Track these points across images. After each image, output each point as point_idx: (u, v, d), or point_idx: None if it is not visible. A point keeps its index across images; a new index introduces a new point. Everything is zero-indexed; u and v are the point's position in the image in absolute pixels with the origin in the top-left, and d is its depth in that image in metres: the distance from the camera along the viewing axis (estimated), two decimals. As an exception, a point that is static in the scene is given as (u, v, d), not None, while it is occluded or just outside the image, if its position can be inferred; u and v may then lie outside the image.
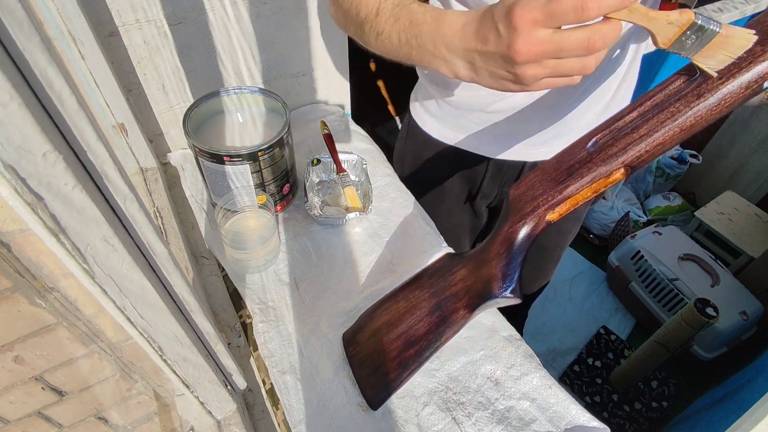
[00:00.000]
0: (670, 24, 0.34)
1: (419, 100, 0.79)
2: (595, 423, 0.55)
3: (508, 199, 0.48)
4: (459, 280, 0.51)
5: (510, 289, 0.46)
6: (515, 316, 1.14)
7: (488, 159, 0.76)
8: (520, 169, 0.76)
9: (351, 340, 0.59)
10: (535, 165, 0.75)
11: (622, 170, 0.42)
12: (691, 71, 0.39)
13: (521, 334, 1.36)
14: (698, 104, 0.38)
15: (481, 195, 0.82)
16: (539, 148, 0.72)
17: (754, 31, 0.36)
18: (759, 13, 1.77)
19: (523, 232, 0.46)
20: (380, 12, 0.49)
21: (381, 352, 0.55)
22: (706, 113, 0.38)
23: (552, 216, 0.45)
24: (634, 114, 0.42)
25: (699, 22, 0.34)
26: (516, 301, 0.47)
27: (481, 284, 0.48)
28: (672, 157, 2.06)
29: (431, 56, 0.44)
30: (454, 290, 0.51)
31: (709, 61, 0.36)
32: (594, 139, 0.43)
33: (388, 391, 0.54)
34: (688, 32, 0.34)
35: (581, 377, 1.55)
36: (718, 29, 0.34)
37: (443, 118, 0.75)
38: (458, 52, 0.41)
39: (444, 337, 0.51)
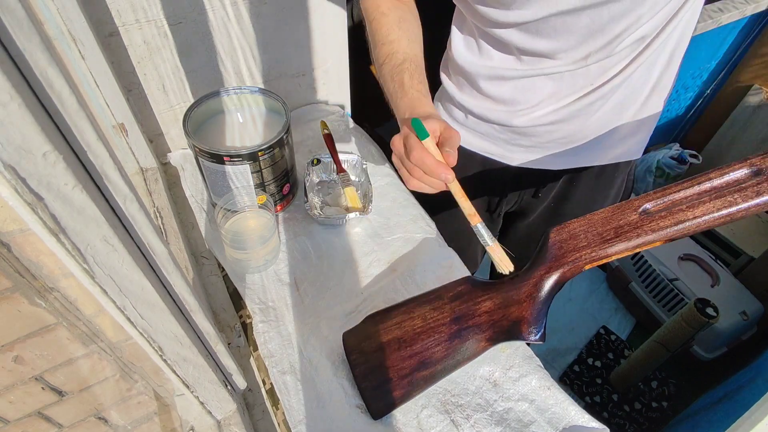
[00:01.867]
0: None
1: (443, 106, 0.78)
2: (595, 423, 0.55)
3: (548, 242, 0.48)
4: (484, 311, 0.51)
5: (539, 334, 0.48)
6: None
7: (512, 167, 0.74)
8: (543, 177, 0.75)
9: (355, 347, 0.58)
10: (558, 174, 0.74)
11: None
12: (754, 166, 0.41)
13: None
14: (756, 200, 0.40)
15: (505, 202, 0.81)
16: (565, 157, 0.71)
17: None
18: (759, 13, 1.77)
19: (557, 278, 0.47)
20: (384, 65, 0.63)
21: (391, 368, 0.54)
22: (759, 209, 0.40)
23: (589, 266, 0.46)
24: (693, 191, 0.42)
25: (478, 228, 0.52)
26: (540, 342, 0.49)
27: (509, 322, 0.49)
28: (672, 157, 2.06)
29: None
30: (478, 321, 0.51)
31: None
32: (647, 205, 0.44)
33: (393, 405, 0.54)
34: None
35: (581, 377, 1.55)
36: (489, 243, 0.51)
37: (468, 125, 0.73)
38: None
39: (461, 364, 0.52)
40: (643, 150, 0.73)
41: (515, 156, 0.73)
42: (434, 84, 0.78)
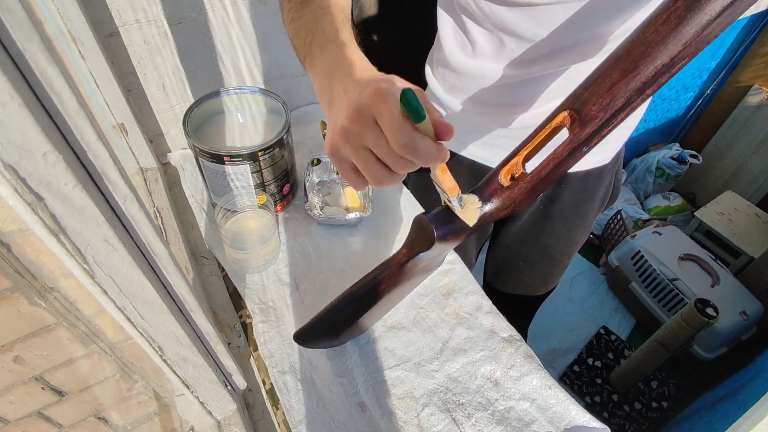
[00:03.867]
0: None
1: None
2: (595, 423, 0.55)
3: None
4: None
5: (429, 215, 0.43)
6: (521, 318, 1.13)
7: None
8: None
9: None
10: None
11: (564, 114, 0.38)
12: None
13: (525, 336, 1.36)
14: (637, 32, 0.34)
15: None
16: None
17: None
18: (759, 13, 1.77)
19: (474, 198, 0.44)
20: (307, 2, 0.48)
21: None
22: (644, 33, 0.33)
23: (504, 180, 0.43)
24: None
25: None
26: (430, 232, 0.43)
27: (415, 227, 0.46)
28: (672, 158, 2.06)
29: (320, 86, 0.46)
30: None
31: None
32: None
33: (311, 322, 0.55)
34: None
35: (581, 377, 1.55)
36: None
37: (461, 131, 0.70)
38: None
39: (379, 273, 0.49)
40: (620, 150, 0.73)
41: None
42: (420, 83, 0.76)
